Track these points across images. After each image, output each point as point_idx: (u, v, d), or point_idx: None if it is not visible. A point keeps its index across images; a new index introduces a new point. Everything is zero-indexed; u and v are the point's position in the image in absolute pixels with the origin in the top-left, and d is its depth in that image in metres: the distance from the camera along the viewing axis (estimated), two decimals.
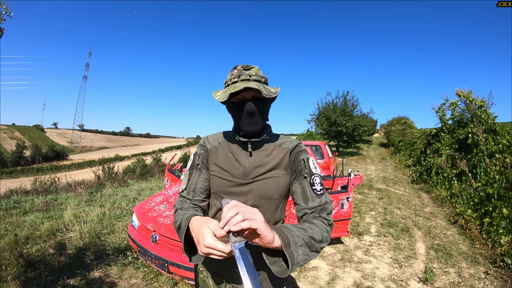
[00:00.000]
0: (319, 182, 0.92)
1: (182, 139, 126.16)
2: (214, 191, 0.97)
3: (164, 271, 2.42)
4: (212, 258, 0.81)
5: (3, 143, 66.77)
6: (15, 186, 8.48)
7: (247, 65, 0.92)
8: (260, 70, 0.94)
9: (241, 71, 0.90)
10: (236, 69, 0.92)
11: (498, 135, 5.93)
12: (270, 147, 0.96)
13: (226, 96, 0.86)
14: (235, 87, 0.86)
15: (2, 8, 1.56)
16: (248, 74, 0.89)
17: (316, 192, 0.90)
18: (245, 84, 0.84)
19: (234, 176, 0.92)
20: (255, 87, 0.83)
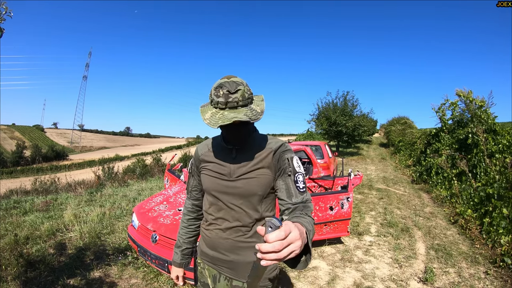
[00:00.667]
0: (302, 180, 0.97)
1: (182, 139, 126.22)
2: (205, 188, 1.08)
3: (164, 271, 2.42)
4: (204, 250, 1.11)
5: (3, 143, 66.77)
6: (15, 186, 8.49)
7: (234, 85, 0.89)
8: (246, 86, 0.92)
9: (227, 96, 0.88)
10: (222, 91, 0.88)
11: (498, 135, 5.93)
12: (255, 148, 1.02)
13: (215, 125, 0.88)
14: (224, 117, 0.87)
15: (2, 8, 1.56)
16: (235, 101, 0.88)
17: (299, 189, 0.96)
18: (234, 116, 0.86)
19: (221, 174, 1.02)
20: (245, 119, 0.86)
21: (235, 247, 1.02)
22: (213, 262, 1.07)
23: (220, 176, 1.02)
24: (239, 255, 1.02)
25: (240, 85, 0.90)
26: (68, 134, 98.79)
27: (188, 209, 1.22)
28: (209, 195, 1.07)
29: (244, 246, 1.01)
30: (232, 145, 1.02)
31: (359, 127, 14.30)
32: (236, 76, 0.93)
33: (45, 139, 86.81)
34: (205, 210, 1.10)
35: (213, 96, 0.91)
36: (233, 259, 1.02)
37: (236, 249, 1.02)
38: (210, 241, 1.07)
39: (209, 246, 1.08)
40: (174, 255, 1.23)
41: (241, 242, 1.01)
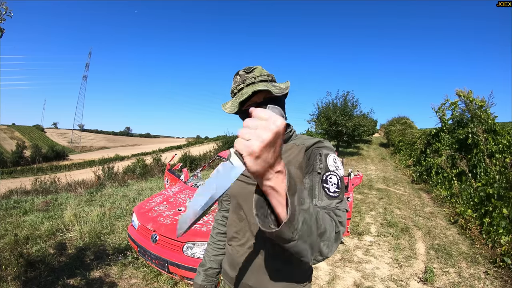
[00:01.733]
0: (335, 182, 0.74)
1: (182, 139, 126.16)
2: (230, 193, 0.96)
3: (164, 271, 2.42)
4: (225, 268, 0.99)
5: (3, 143, 66.76)
6: (15, 186, 8.48)
7: (249, 67, 0.88)
8: (263, 68, 0.90)
9: (244, 75, 0.86)
10: (239, 74, 0.87)
11: (498, 135, 5.93)
12: (288, 146, 0.87)
13: (236, 107, 0.81)
14: (243, 94, 0.81)
15: (2, 8, 1.56)
16: (252, 77, 0.84)
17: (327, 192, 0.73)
18: (253, 88, 0.80)
19: (248, 177, 0.88)
20: (264, 88, 0.78)
21: (256, 270, 0.84)
22: (234, 284, 0.91)
23: (246, 179, 0.88)
24: (261, 282, 0.84)
25: (256, 66, 0.88)
26: (68, 134, 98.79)
27: (218, 222, 1.08)
28: (233, 203, 0.94)
29: (267, 272, 0.83)
30: None
31: (359, 127, 14.29)
32: None
33: (45, 139, 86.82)
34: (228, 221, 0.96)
35: (232, 86, 0.89)
36: (253, 285, 0.85)
37: (257, 273, 0.84)
38: (230, 258, 0.93)
39: (229, 264, 0.93)
40: (196, 276, 1.05)
41: (263, 266, 0.83)
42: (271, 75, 0.90)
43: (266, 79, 0.86)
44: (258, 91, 0.82)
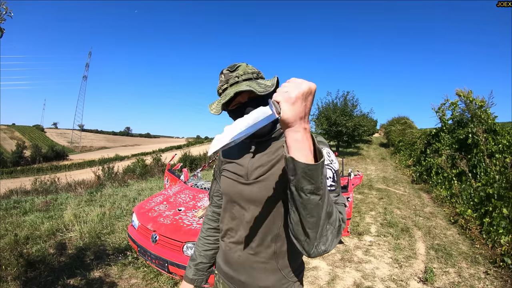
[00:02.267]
0: (330, 176, 0.75)
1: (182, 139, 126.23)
2: (221, 192, 0.97)
3: (164, 271, 2.42)
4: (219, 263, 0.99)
5: (3, 143, 66.74)
6: (15, 186, 8.48)
7: (233, 65, 0.85)
8: (249, 65, 0.87)
9: (228, 74, 0.84)
10: (223, 73, 0.85)
11: (498, 135, 5.93)
12: (278, 144, 0.86)
13: (220, 109, 0.80)
14: (226, 95, 0.79)
15: (2, 8, 1.56)
16: (236, 76, 0.83)
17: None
18: (235, 89, 0.78)
19: (238, 176, 0.88)
20: (246, 88, 0.76)
21: (248, 266, 0.86)
22: (227, 279, 0.93)
23: (237, 177, 0.88)
24: (253, 278, 0.86)
25: (240, 64, 0.86)
26: (68, 134, 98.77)
27: (209, 217, 1.09)
28: (224, 200, 0.95)
29: (258, 268, 0.85)
30: (250, 138, 0.87)
31: (359, 127, 14.29)
32: None
33: (45, 139, 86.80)
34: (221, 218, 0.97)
35: (217, 87, 0.87)
36: (245, 280, 0.87)
37: (249, 269, 0.86)
38: (223, 254, 0.94)
39: (223, 260, 0.95)
40: (187, 270, 1.05)
41: (255, 262, 0.85)
42: (257, 71, 0.87)
43: (251, 77, 0.84)
44: (241, 92, 0.81)
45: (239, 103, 0.85)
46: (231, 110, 0.87)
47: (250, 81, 0.82)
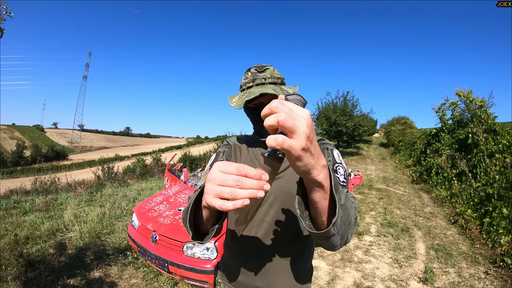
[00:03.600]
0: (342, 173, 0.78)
1: (182, 139, 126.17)
2: None
3: (164, 271, 2.42)
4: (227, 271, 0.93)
5: (3, 143, 66.75)
6: (15, 186, 8.48)
7: (262, 66, 0.89)
8: (275, 69, 0.91)
9: (255, 74, 0.87)
10: (250, 72, 0.88)
11: (498, 135, 5.93)
12: None
13: (241, 104, 0.83)
14: (250, 93, 0.82)
15: (2, 8, 1.56)
16: (263, 78, 0.86)
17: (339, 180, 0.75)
18: (261, 90, 0.81)
19: None
20: (271, 92, 0.79)
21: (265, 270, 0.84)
22: (235, 285, 0.90)
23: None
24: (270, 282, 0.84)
25: (269, 66, 0.89)
26: (68, 134, 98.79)
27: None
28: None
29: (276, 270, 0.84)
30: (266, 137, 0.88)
31: (359, 127, 14.29)
32: None
33: (45, 139, 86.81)
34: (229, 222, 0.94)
35: (242, 81, 0.90)
36: (262, 286, 0.85)
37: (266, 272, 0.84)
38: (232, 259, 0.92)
39: (230, 265, 0.92)
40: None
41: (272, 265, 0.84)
42: (282, 77, 0.91)
43: (276, 81, 0.87)
44: (266, 94, 0.83)
45: (260, 103, 0.87)
46: (251, 108, 0.89)
47: (275, 85, 0.85)
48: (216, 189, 0.44)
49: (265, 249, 0.85)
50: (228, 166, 0.45)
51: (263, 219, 0.85)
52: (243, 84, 0.89)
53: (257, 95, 0.80)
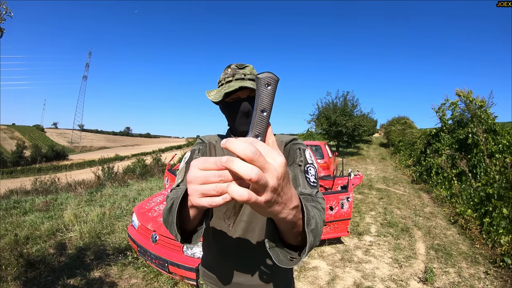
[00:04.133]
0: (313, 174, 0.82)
1: (182, 139, 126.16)
2: None
3: (164, 271, 2.42)
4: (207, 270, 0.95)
5: (3, 143, 66.77)
6: (15, 186, 8.48)
7: (241, 64, 0.91)
8: (254, 69, 0.93)
9: (235, 70, 0.89)
10: (230, 68, 0.90)
11: (498, 135, 5.93)
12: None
13: (220, 96, 0.85)
14: (230, 86, 0.85)
15: (2, 8, 1.56)
16: (242, 73, 0.88)
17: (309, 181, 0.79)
18: (240, 83, 0.84)
19: None
20: (250, 86, 0.82)
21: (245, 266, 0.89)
22: (217, 285, 0.92)
23: None
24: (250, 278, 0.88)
25: (248, 65, 0.91)
26: (68, 134, 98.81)
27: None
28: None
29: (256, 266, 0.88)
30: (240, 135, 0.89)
31: (359, 127, 14.30)
32: None
33: (45, 139, 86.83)
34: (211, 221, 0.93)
35: (221, 77, 0.92)
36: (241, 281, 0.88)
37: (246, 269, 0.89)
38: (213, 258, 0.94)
39: (212, 265, 0.94)
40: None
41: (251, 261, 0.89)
42: None
43: (254, 78, 0.88)
44: (245, 88, 0.85)
45: (237, 98, 0.88)
46: (227, 103, 0.90)
47: (253, 82, 0.86)
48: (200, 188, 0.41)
49: (244, 246, 0.88)
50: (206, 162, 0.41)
51: (240, 219, 0.88)
52: (222, 79, 0.91)
53: (236, 87, 0.82)
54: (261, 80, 0.42)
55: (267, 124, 0.43)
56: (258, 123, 0.42)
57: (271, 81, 0.42)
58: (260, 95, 0.42)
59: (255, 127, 0.43)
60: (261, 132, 0.43)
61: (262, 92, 0.42)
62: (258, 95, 0.42)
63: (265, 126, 0.43)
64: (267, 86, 0.42)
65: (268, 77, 0.42)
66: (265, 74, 0.42)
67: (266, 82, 0.42)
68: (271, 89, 0.42)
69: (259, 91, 0.42)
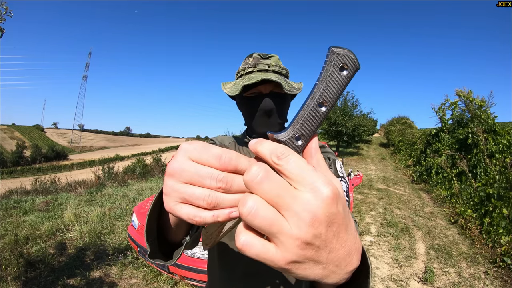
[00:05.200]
0: (345, 190, 0.68)
1: (182, 139, 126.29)
2: None
3: (164, 271, 2.42)
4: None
5: (3, 143, 66.81)
6: (15, 186, 8.48)
7: (266, 54, 0.77)
8: (280, 60, 0.79)
9: (258, 59, 0.75)
10: (252, 57, 0.77)
11: (498, 135, 5.93)
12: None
13: (238, 89, 0.70)
14: (250, 78, 0.71)
15: (2, 8, 1.56)
16: (266, 64, 0.74)
17: None
18: (263, 76, 0.70)
19: None
20: (275, 79, 0.68)
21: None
22: None
23: None
24: None
25: (274, 54, 0.79)
26: (68, 134, 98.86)
27: None
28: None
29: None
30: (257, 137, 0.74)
31: (359, 127, 14.30)
32: None
33: (45, 139, 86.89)
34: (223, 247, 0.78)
35: (240, 67, 0.78)
36: None
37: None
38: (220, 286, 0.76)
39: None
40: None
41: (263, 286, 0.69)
42: (287, 69, 0.80)
43: (280, 71, 0.76)
44: (268, 81, 0.71)
45: (258, 93, 0.75)
46: (245, 98, 0.76)
47: (279, 75, 0.74)
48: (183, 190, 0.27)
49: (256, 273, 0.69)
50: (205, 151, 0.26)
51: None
52: (241, 70, 0.77)
53: (258, 80, 0.68)
54: (337, 57, 0.26)
55: (319, 125, 0.28)
56: (309, 119, 0.27)
57: (350, 64, 0.27)
58: (326, 79, 0.27)
59: (302, 123, 0.27)
60: (306, 133, 0.27)
61: (332, 77, 0.27)
62: (324, 78, 0.27)
63: (317, 126, 0.27)
64: (342, 71, 0.27)
65: (348, 57, 0.27)
66: (345, 51, 0.27)
67: (342, 64, 0.27)
68: (346, 77, 0.27)
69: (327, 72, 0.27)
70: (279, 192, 0.21)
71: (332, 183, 0.22)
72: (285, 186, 0.22)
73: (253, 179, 0.22)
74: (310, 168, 0.22)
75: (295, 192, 0.21)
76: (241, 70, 0.77)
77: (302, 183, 0.22)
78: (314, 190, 0.21)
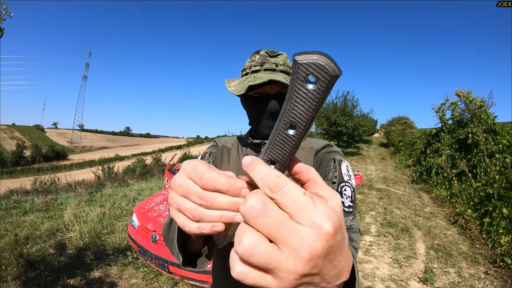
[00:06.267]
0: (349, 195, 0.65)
1: (182, 139, 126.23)
2: None
3: (164, 271, 2.42)
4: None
5: (3, 143, 66.81)
6: (15, 186, 8.48)
7: (273, 51, 0.75)
8: (288, 59, 0.76)
9: (265, 57, 0.73)
10: (259, 54, 0.74)
11: (498, 135, 5.93)
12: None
13: (243, 89, 0.67)
14: (257, 78, 0.68)
15: (2, 8, 1.56)
16: (273, 63, 0.71)
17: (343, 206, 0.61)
18: (270, 76, 0.67)
19: None
20: (282, 80, 0.66)
21: None
22: None
23: None
24: None
25: (282, 53, 0.76)
26: (68, 134, 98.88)
27: None
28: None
29: None
30: (261, 138, 0.76)
31: (359, 127, 14.31)
32: None
33: (45, 139, 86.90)
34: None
35: (246, 64, 0.75)
36: None
37: None
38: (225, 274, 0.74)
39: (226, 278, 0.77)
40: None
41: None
42: None
43: (288, 71, 0.73)
44: (275, 82, 0.69)
45: (264, 93, 0.73)
46: (251, 97, 0.74)
47: (287, 75, 0.71)
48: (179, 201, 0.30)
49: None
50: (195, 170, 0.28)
51: None
52: (247, 67, 0.74)
53: (265, 80, 0.64)
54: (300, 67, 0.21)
55: (293, 149, 0.24)
56: (278, 144, 0.24)
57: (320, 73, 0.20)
58: (291, 97, 0.22)
59: (272, 148, 0.25)
60: (280, 158, 0.25)
61: (298, 93, 0.21)
62: (289, 96, 0.22)
63: (290, 151, 0.24)
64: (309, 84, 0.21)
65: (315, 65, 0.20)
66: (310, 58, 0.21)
67: (306, 75, 0.21)
68: (316, 90, 0.21)
69: (292, 88, 0.22)
70: (275, 227, 0.21)
71: (333, 216, 0.21)
72: (283, 220, 0.21)
73: (249, 212, 0.21)
74: (307, 201, 0.21)
75: (294, 227, 0.21)
76: (247, 68, 0.74)
77: (301, 217, 0.21)
78: (314, 226, 0.20)
